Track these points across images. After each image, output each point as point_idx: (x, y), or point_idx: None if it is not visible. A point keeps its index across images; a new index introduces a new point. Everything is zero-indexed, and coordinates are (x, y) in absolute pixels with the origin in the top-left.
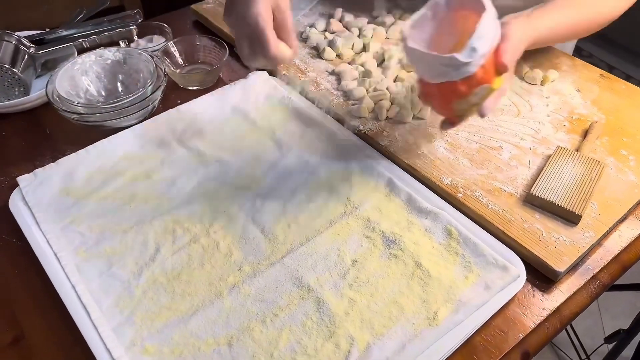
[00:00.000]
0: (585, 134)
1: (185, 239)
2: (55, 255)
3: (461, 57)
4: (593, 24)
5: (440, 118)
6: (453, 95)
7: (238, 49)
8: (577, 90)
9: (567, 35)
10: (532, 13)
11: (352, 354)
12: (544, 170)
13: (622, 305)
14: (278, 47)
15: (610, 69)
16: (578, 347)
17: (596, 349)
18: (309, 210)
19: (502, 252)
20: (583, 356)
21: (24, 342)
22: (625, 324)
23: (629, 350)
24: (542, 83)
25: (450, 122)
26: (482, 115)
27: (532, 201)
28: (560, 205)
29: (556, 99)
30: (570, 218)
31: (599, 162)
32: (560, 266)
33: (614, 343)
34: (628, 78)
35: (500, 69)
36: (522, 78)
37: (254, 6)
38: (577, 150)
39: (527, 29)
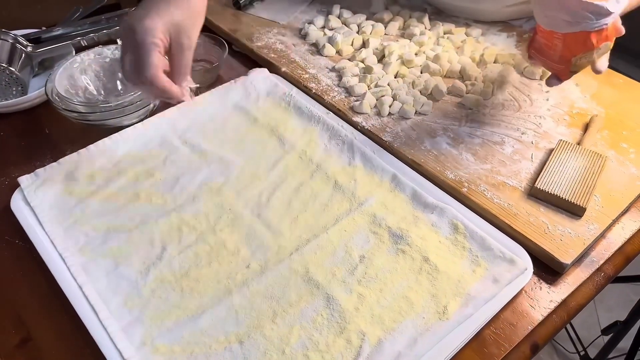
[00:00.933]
0: (586, 127)
1: (191, 237)
2: (60, 255)
3: (609, 6)
4: None
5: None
6: (580, 47)
7: (121, 62)
8: (576, 85)
9: None
10: None
11: (364, 349)
12: (547, 164)
13: (616, 297)
14: (158, 72)
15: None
16: (575, 339)
17: (593, 341)
18: (314, 207)
19: (508, 245)
20: (580, 348)
21: (31, 343)
22: (620, 316)
23: (625, 342)
24: (541, 77)
25: (558, 77)
26: (599, 71)
27: (537, 195)
28: (565, 198)
29: (556, 93)
30: (574, 211)
31: (601, 155)
32: (566, 258)
33: (611, 335)
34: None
35: (618, 31)
36: (521, 73)
37: (146, 21)
38: (579, 143)
39: None
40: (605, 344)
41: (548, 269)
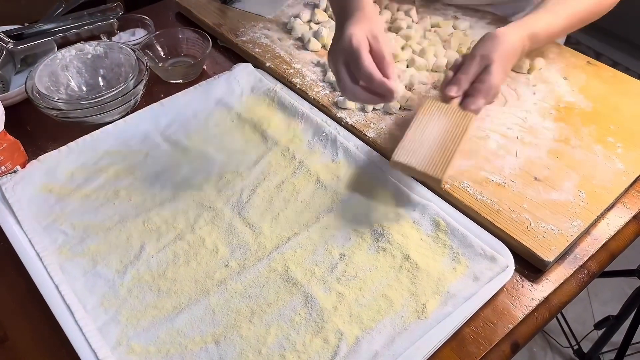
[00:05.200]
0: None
1: (170, 236)
2: (38, 254)
3: None
4: (593, 13)
5: None
6: None
7: (338, 83)
8: (564, 78)
9: (565, 27)
10: (527, 16)
11: (341, 348)
12: (407, 131)
13: (611, 291)
14: (373, 67)
15: (598, 56)
16: (568, 333)
17: (586, 335)
18: (296, 204)
19: (490, 242)
20: (573, 342)
21: (8, 344)
22: (615, 310)
23: (618, 336)
24: (529, 71)
25: None
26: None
27: (396, 168)
28: (420, 170)
29: (543, 87)
30: (431, 183)
31: (466, 114)
32: (548, 256)
33: (604, 329)
34: (615, 65)
35: None
36: None
37: (346, 31)
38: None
39: (521, 30)
40: (598, 339)
41: (530, 266)
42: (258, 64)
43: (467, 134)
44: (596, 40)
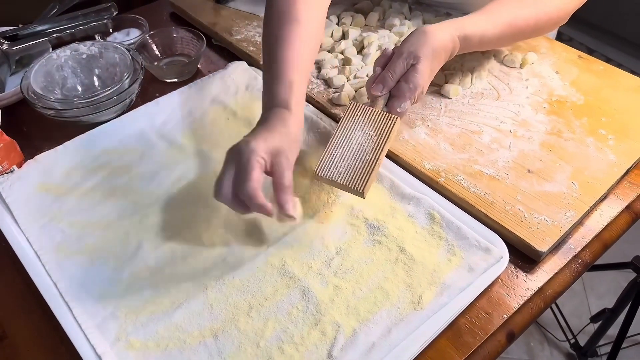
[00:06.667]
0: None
1: (167, 233)
2: (36, 253)
3: None
4: (533, 27)
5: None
6: None
7: (219, 181)
8: (556, 72)
9: (500, 36)
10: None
11: (338, 340)
12: (330, 140)
13: (607, 284)
14: (258, 187)
15: (590, 52)
16: (565, 327)
17: (582, 329)
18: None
19: (484, 234)
20: (570, 336)
21: (7, 341)
22: (611, 303)
23: (615, 329)
24: (521, 66)
25: None
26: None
27: (319, 180)
28: (342, 183)
29: (535, 81)
30: (355, 194)
31: (391, 117)
32: (542, 246)
33: (600, 322)
34: (608, 60)
35: None
36: (501, 61)
37: (251, 144)
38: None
39: (453, 29)
40: (594, 332)
41: (525, 257)
42: (252, 62)
43: (390, 140)
44: (589, 37)
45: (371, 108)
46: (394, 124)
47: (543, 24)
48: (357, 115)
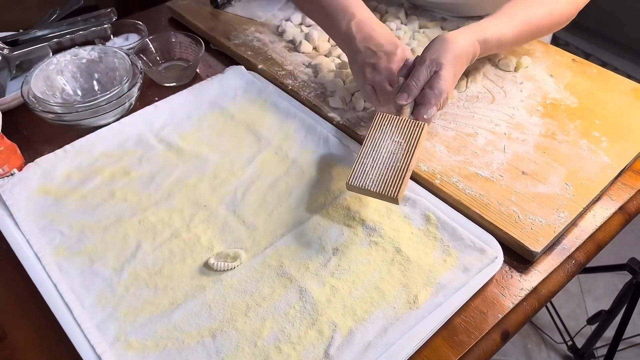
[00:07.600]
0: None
1: (166, 234)
2: (36, 254)
3: None
4: (545, 25)
5: None
6: None
7: (362, 83)
8: (550, 76)
9: (517, 36)
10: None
11: (335, 339)
12: (360, 151)
13: (603, 286)
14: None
15: (587, 57)
16: (562, 330)
17: (579, 331)
18: (289, 202)
19: (479, 235)
20: (567, 338)
21: (6, 342)
22: (607, 305)
23: (611, 331)
24: (516, 69)
25: None
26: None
27: (351, 190)
28: (375, 191)
29: (530, 84)
30: (389, 201)
31: (418, 123)
32: (536, 247)
33: (597, 324)
34: (604, 65)
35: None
36: (496, 65)
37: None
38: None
39: (472, 35)
40: (591, 334)
41: (519, 257)
42: (250, 67)
43: (420, 145)
44: (585, 41)
45: (398, 117)
46: (422, 130)
47: (557, 20)
48: (384, 124)
